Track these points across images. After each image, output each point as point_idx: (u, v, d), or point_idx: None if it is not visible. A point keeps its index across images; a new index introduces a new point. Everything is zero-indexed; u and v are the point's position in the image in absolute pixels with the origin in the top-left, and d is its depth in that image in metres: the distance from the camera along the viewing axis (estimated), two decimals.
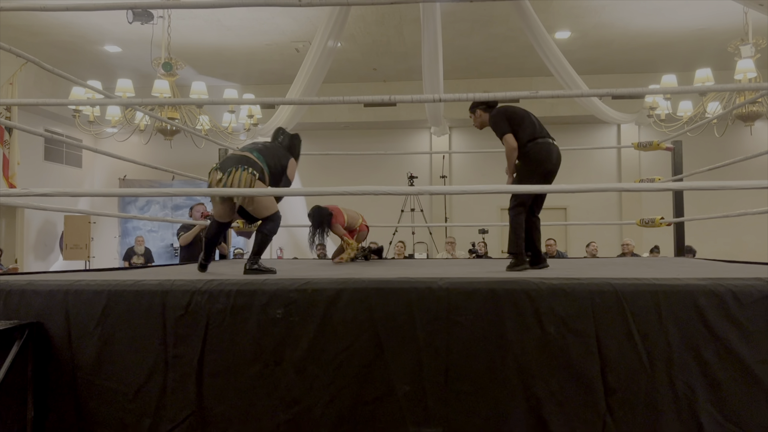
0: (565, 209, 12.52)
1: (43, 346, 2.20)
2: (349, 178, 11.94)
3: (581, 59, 9.79)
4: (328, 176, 12.15)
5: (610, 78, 11.29)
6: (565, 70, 7.15)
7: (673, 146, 5.29)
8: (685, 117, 8.07)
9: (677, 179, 5.16)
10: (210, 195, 3.64)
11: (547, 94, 2.51)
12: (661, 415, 2.01)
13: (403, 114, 12.25)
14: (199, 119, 8.17)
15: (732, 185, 2.44)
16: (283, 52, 10.37)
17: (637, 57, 10.46)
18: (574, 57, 8.75)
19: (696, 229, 9.35)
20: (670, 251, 5.53)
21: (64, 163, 12.26)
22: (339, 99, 2.51)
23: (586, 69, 10.09)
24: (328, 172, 12.26)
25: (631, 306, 2.05)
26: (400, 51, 10.43)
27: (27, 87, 9.52)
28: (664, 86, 7.12)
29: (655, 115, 8.03)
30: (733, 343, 2.01)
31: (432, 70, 7.37)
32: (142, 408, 2.14)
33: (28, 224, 11.43)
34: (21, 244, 11.19)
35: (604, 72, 11.13)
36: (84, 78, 8.08)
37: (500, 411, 2.04)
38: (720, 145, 9.14)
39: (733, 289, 2.04)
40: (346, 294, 2.12)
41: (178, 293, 2.17)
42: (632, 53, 10.29)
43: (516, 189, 3.32)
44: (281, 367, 2.10)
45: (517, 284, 2.11)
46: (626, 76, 11.34)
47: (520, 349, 2.06)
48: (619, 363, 2.04)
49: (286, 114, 8.17)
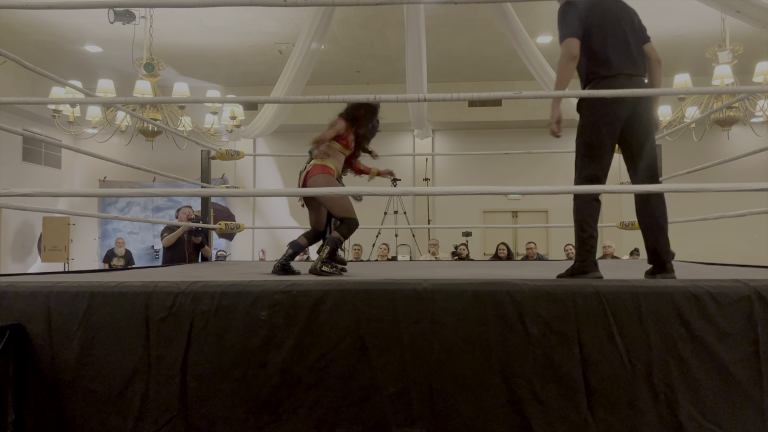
0: (547, 212, 12.62)
1: (24, 348, 2.17)
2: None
3: None
4: None
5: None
6: (547, 74, 7.22)
7: None
8: (664, 121, 8.19)
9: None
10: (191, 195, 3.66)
11: (531, 94, 2.54)
12: (641, 414, 2.04)
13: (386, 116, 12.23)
14: (181, 120, 8.12)
15: (709, 187, 2.49)
16: (266, 54, 10.34)
17: None
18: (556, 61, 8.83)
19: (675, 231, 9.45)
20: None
21: (43, 164, 12.10)
22: (324, 98, 2.52)
23: None
24: None
25: (612, 307, 2.08)
26: (383, 54, 10.45)
27: (5, 86, 9.40)
28: (644, 90, 7.21)
29: None
30: (711, 344, 2.05)
31: (415, 73, 7.40)
32: (124, 410, 2.12)
33: (6, 225, 11.26)
34: None
35: None
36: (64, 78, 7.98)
37: (484, 411, 2.06)
38: (698, 149, 9.29)
39: (711, 291, 2.08)
40: (331, 296, 2.12)
41: (162, 295, 2.16)
42: None
43: (499, 191, 2.96)
44: (266, 369, 2.10)
45: (500, 286, 2.13)
46: None
47: (503, 350, 2.08)
48: (601, 363, 2.07)
49: (269, 115, 8.15)
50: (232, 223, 5.61)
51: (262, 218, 13.21)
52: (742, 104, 7.48)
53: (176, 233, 6.14)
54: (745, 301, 2.07)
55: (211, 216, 5.97)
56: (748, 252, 10.88)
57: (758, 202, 4.71)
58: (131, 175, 12.07)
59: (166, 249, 6.29)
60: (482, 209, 12.76)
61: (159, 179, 11.33)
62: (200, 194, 5.83)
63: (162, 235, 6.35)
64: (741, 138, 10.62)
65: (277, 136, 12.06)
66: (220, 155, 5.49)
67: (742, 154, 4.08)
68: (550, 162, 12.21)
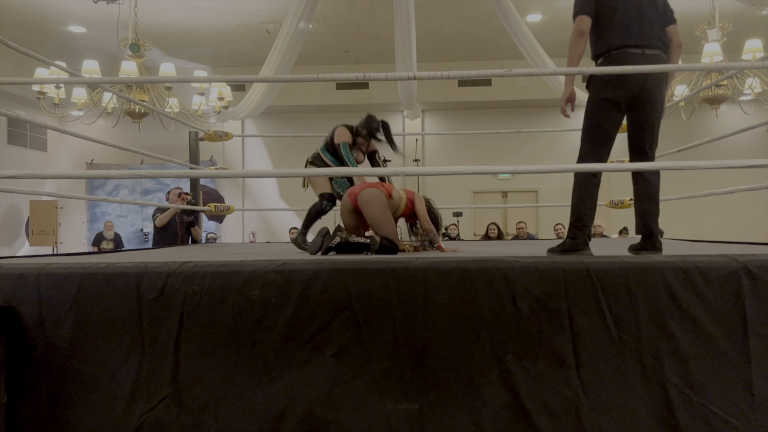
0: (536, 192, 12.67)
1: (14, 330, 2.16)
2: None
3: (553, 42, 9.85)
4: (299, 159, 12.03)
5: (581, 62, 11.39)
6: (536, 53, 7.19)
7: None
8: None
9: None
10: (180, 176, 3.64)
11: (521, 71, 2.54)
12: (630, 388, 2.07)
13: (375, 97, 12.20)
14: (168, 102, 8.03)
15: (697, 165, 2.51)
16: (253, 34, 10.23)
17: None
18: (546, 40, 8.80)
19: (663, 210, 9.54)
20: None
21: (28, 147, 11.96)
22: (312, 77, 2.49)
23: (558, 52, 10.13)
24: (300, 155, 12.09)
25: (602, 283, 2.10)
26: (372, 33, 10.36)
27: None
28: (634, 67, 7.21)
29: None
30: (700, 318, 2.08)
31: (405, 51, 7.34)
32: (117, 391, 2.12)
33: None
34: None
35: None
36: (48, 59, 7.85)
37: (475, 386, 2.08)
38: (687, 127, 9.32)
39: (700, 266, 2.10)
40: (323, 275, 2.12)
41: (153, 275, 2.15)
42: None
43: (489, 170, 3.01)
44: (258, 348, 2.10)
45: (491, 263, 2.14)
46: None
47: (494, 326, 2.10)
48: (591, 339, 2.09)
49: (257, 96, 8.07)
50: (221, 205, 5.59)
51: (251, 200, 13.17)
52: (731, 82, 7.50)
53: (167, 213, 6.11)
54: (734, 276, 2.09)
55: (201, 198, 5.94)
56: (737, 230, 11.00)
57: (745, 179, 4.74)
58: (119, 158, 11.97)
59: (158, 229, 6.25)
60: (472, 190, 12.78)
61: (147, 161, 11.23)
62: (189, 175, 5.80)
63: (154, 216, 6.31)
64: (729, 116, 10.67)
65: (265, 117, 11.98)
66: (209, 136, 5.45)
67: (732, 132, 4.10)
68: (540, 141, 12.23)
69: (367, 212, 3.38)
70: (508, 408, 2.06)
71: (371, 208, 3.35)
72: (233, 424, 2.09)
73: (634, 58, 2.64)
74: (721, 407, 2.05)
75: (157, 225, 6.21)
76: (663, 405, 2.06)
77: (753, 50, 7.18)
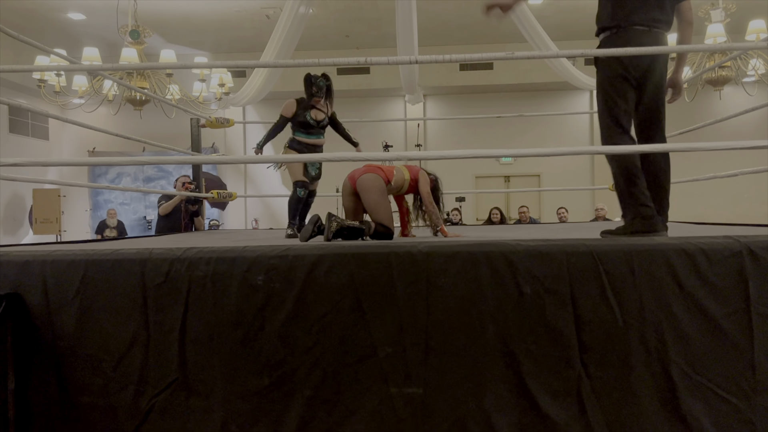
0: (539, 176, 12.64)
1: (21, 317, 2.18)
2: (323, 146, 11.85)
3: (555, 24, 9.78)
4: None
5: (583, 44, 11.30)
6: (538, 36, 7.14)
7: None
8: None
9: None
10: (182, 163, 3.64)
11: (523, 55, 2.52)
12: (633, 370, 2.08)
13: (377, 82, 12.14)
14: (169, 89, 8.01)
15: (700, 146, 2.50)
16: (253, 19, 10.16)
17: None
18: (548, 22, 8.74)
19: None
20: None
21: (30, 135, 11.94)
22: (314, 62, 2.49)
23: (560, 35, 10.10)
24: None
25: (605, 265, 2.11)
26: (372, 17, 10.29)
27: None
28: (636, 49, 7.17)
29: None
30: (702, 299, 2.08)
31: (406, 35, 7.29)
32: (125, 376, 2.14)
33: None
34: None
35: (577, 38, 11.15)
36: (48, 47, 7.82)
37: (479, 370, 2.09)
38: (690, 110, 9.27)
39: (703, 248, 2.11)
40: (326, 259, 2.13)
41: (157, 261, 2.16)
42: None
43: (491, 154, 2.76)
44: (264, 332, 2.12)
45: (494, 247, 2.14)
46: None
47: (497, 309, 2.11)
48: (594, 321, 2.10)
49: (258, 82, 8.04)
50: (224, 192, 5.60)
51: (254, 187, 13.17)
52: (734, 63, 7.45)
53: (172, 201, 6.13)
54: (737, 257, 2.09)
55: (203, 185, 5.94)
56: (740, 212, 10.97)
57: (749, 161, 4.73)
58: (121, 146, 11.95)
59: (161, 217, 6.26)
60: (474, 174, 12.76)
61: (149, 149, 11.22)
62: (191, 162, 5.80)
63: (159, 203, 6.32)
64: (733, 98, 10.60)
65: (267, 103, 11.92)
66: (210, 123, 5.44)
67: (735, 114, 4.08)
68: (543, 125, 12.17)
69: (365, 197, 3.41)
70: (512, 390, 2.08)
71: (368, 193, 3.38)
72: (241, 408, 2.11)
73: (642, 36, 2.59)
74: (724, 387, 2.07)
75: (161, 213, 6.22)
76: (666, 386, 2.07)
77: (756, 31, 7.12)
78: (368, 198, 3.39)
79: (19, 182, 4.97)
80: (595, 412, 2.06)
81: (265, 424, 2.10)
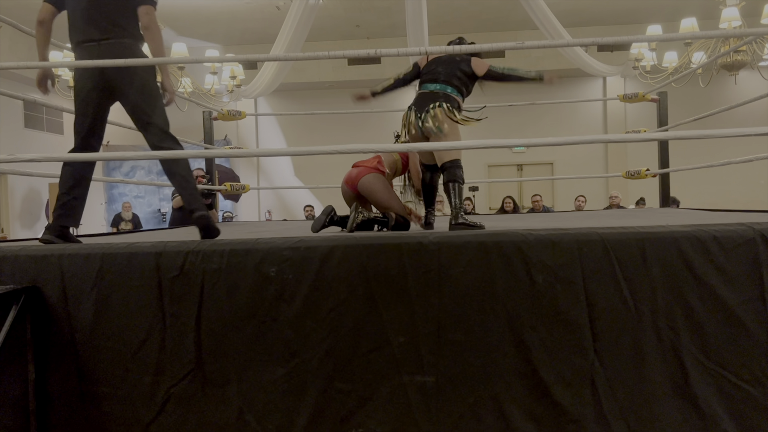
0: (552, 164, 12.56)
1: (40, 309, 2.22)
2: (333, 138, 11.85)
3: (566, 11, 9.68)
4: (312, 136, 12.07)
5: (595, 30, 11.20)
6: (550, 23, 7.08)
7: (658, 97, 5.31)
8: (671, 68, 8.05)
9: (662, 130, 5.19)
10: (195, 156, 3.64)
11: (534, 44, 2.50)
12: (646, 358, 2.08)
13: (387, 72, 12.03)
14: (181, 82, 8.04)
15: (716, 134, 2.47)
16: (264, 11, 10.17)
17: (622, 8, 10.36)
18: (559, 9, 8.64)
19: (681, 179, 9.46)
20: (655, 203, 5.60)
21: (45, 130, 12.06)
22: (324, 54, 2.49)
23: (572, 21, 10.00)
24: (313, 132, 12.17)
25: (617, 254, 2.10)
26: (383, 6, 10.25)
27: (2, 52, 9.29)
28: (650, 35, 7.09)
29: (640, 66, 8.00)
30: (715, 287, 2.07)
31: (416, 25, 7.26)
32: (142, 366, 2.18)
33: (12, 193, 11.31)
34: (6, 213, 11.10)
35: (589, 24, 11.04)
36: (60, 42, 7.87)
37: (491, 359, 2.10)
38: (705, 95, 9.17)
39: (716, 235, 2.09)
40: (338, 251, 2.15)
41: (172, 254, 2.19)
42: (617, 4, 10.19)
43: (503, 143, 2.68)
44: (277, 323, 2.14)
45: (506, 236, 2.15)
46: (611, 27, 11.25)
47: (509, 298, 2.11)
48: (606, 309, 2.10)
49: (269, 74, 8.06)
50: (237, 184, 5.63)
51: (266, 179, 13.22)
52: (750, 47, 7.33)
53: None
54: (750, 244, 2.08)
55: (216, 178, 5.98)
56: (755, 198, 10.85)
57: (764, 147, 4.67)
58: (135, 139, 11.97)
59: (176, 210, 6.32)
60: (487, 163, 12.71)
61: None
62: (205, 155, 5.83)
63: (173, 196, 6.37)
64: (749, 83, 10.44)
65: (278, 95, 11.96)
66: (222, 116, 5.47)
67: (750, 99, 4.03)
68: (555, 113, 12.08)
69: (373, 199, 3.39)
70: (525, 379, 2.09)
71: (375, 195, 3.36)
72: (256, 398, 2.14)
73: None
74: (738, 375, 2.06)
75: (175, 206, 6.27)
76: (679, 374, 2.07)
77: None
78: (377, 198, 3.38)
79: (35, 176, 5.07)
80: (609, 400, 2.07)
81: (281, 412, 2.13)
